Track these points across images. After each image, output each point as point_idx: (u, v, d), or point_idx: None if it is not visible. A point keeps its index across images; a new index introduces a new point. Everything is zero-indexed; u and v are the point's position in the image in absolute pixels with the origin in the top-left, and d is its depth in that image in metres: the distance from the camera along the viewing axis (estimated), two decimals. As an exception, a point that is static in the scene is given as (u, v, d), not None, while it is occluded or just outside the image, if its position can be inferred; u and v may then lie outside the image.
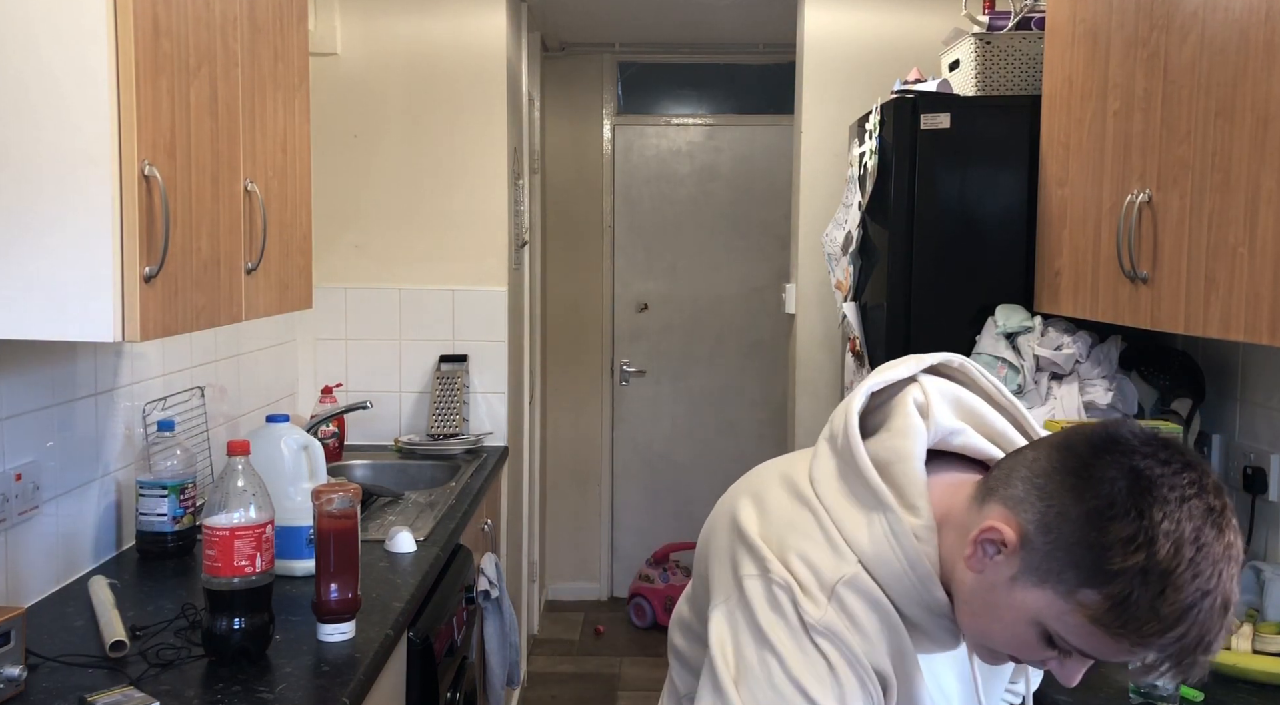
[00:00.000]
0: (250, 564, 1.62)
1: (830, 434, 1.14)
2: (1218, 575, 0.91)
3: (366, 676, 1.64)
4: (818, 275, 3.52)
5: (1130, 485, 0.92)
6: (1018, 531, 0.97)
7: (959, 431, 1.11)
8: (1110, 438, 0.96)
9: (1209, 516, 0.92)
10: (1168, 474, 0.92)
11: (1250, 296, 1.64)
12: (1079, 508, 0.94)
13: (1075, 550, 0.94)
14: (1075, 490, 0.95)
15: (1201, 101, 1.79)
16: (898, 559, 1.03)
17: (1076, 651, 0.97)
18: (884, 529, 1.04)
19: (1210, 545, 0.91)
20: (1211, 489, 0.93)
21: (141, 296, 1.52)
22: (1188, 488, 0.92)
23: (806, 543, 1.06)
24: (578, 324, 5.04)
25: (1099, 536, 0.92)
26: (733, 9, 4.15)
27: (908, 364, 1.15)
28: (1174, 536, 0.90)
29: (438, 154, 3.41)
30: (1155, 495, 0.92)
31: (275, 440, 2.11)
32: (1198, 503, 0.92)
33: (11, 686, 1.48)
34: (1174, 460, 0.94)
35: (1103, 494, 0.93)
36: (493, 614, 2.82)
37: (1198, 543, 0.90)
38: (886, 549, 1.03)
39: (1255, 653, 1.70)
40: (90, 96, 1.47)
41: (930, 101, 2.58)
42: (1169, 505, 0.91)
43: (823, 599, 1.03)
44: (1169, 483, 0.92)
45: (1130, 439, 0.95)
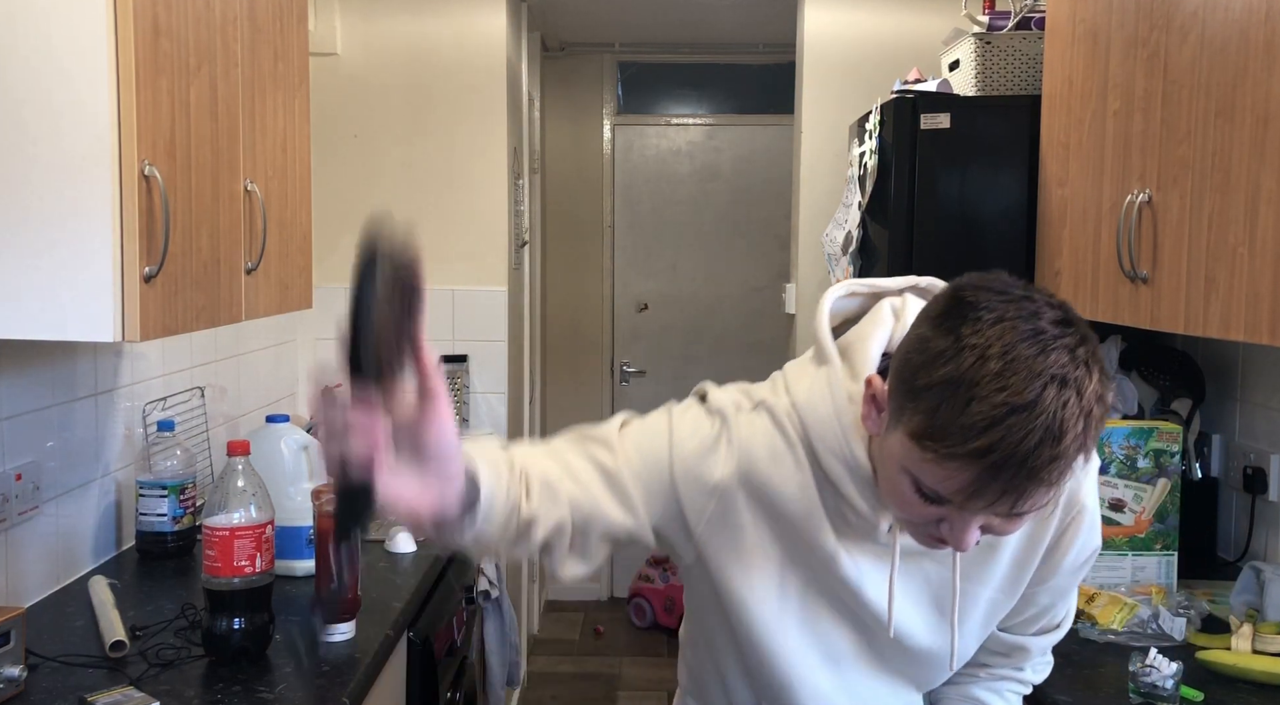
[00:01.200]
0: (250, 564, 1.62)
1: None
2: (1034, 392, 0.88)
3: (366, 676, 1.64)
4: (818, 275, 3.52)
5: (955, 309, 0.94)
6: (882, 382, 1.02)
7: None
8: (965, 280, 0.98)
9: (1033, 338, 0.90)
10: (994, 301, 0.93)
11: (1250, 296, 1.64)
12: (911, 335, 0.98)
13: (901, 377, 0.96)
14: (916, 327, 0.98)
15: (1201, 101, 1.79)
16: (825, 405, 1.09)
17: (938, 496, 0.96)
18: (820, 380, 1.11)
19: (1025, 361, 0.89)
20: (1050, 319, 0.92)
21: (141, 296, 1.52)
22: (1009, 309, 0.92)
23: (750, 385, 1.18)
24: (578, 324, 5.04)
25: (918, 358, 0.94)
26: (733, 9, 4.15)
27: (897, 281, 1.20)
28: (980, 349, 0.90)
29: (438, 154, 3.41)
30: (968, 315, 0.92)
31: (275, 440, 2.11)
32: (1020, 324, 0.90)
33: (11, 686, 1.48)
34: (1017, 293, 0.94)
35: (930, 324, 0.95)
36: (493, 614, 2.82)
37: (1006, 357, 0.89)
38: (818, 396, 1.10)
39: (1255, 653, 1.70)
40: (90, 96, 1.47)
41: (930, 101, 2.58)
42: (980, 323, 0.91)
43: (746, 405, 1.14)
44: (989, 305, 0.92)
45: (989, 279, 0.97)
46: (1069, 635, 1.83)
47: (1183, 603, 1.88)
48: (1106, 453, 1.98)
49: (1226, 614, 1.88)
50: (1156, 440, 1.99)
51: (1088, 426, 0.90)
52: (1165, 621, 1.81)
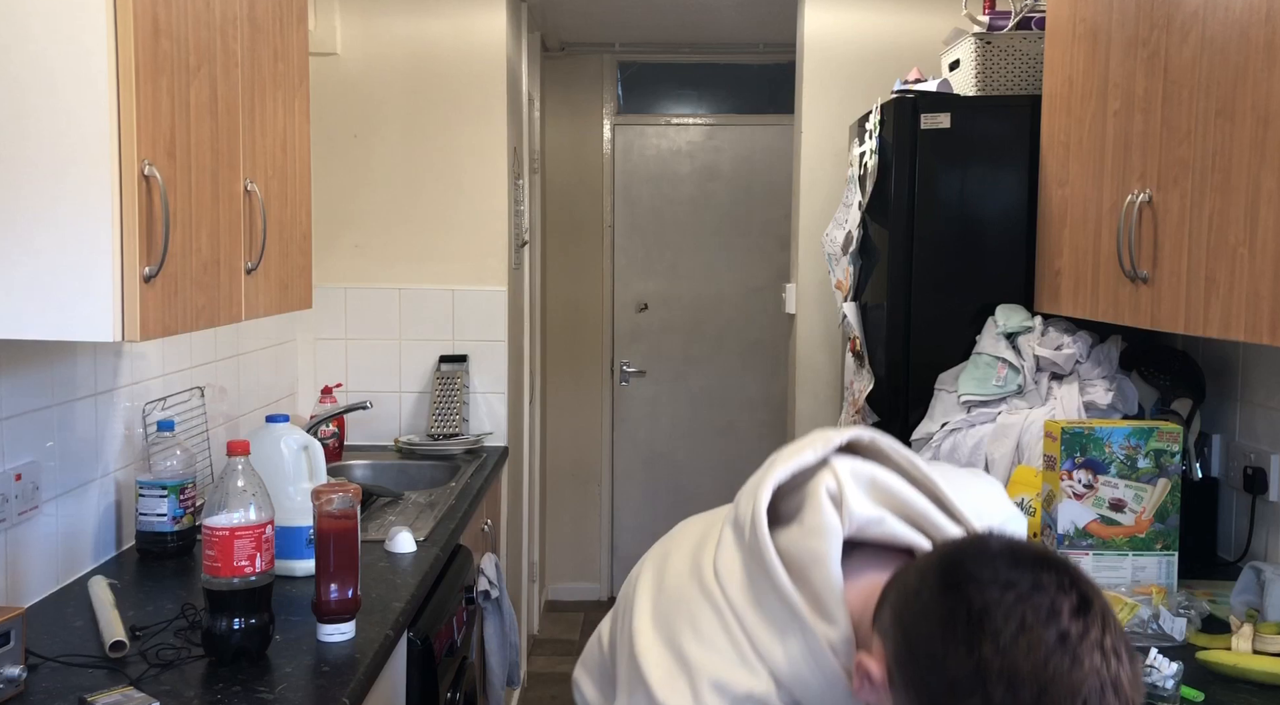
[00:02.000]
0: (250, 564, 1.62)
1: (736, 521, 1.06)
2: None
3: (366, 676, 1.64)
4: (818, 275, 3.52)
5: (965, 616, 0.83)
6: (883, 666, 0.91)
7: (877, 520, 1.03)
8: (957, 560, 0.88)
9: (1061, 648, 0.81)
10: (1007, 599, 0.83)
11: (1250, 296, 1.64)
12: (920, 644, 0.87)
13: (924, 690, 0.86)
14: (916, 625, 0.87)
15: (1201, 101, 1.79)
16: (816, 678, 0.97)
17: None
18: (801, 648, 0.97)
19: (1060, 679, 0.80)
20: (1071, 609, 0.83)
21: (141, 296, 1.52)
22: (1030, 613, 0.82)
23: (712, 654, 0.98)
24: (578, 324, 5.04)
25: (936, 679, 0.84)
26: (733, 9, 4.15)
27: (815, 446, 1.07)
28: (1007, 676, 0.81)
29: (438, 154, 3.41)
30: (986, 627, 0.82)
31: (275, 440, 2.10)
32: (1044, 631, 0.81)
33: (11, 686, 1.48)
34: (1022, 580, 0.84)
35: (935, 631, 0.85)
36: (493, 614, 2.82)
37: (1041, 680, 0.80)
38: (804, 669, 0.97)
39: (1255, 653, 1.70)
40: (90, 96, 1.47)
41: (930, 101, 2.58)
42: (1003, 638, 0.81)
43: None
44: (1007, 610, 0.82)
45: (979, 559, 0.87)
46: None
47: (1183, 603, 1.88)
48: (1107, 452, 1.98)
49: (1227, 614, 1.88)
50: (1157, 440, 1.98)
51: (1133, 699, 0.83)
52: (1165, 621, 1.81)
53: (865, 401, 2.73)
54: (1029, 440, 2.26)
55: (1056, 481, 2.00)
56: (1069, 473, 1.99)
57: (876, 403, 2.69)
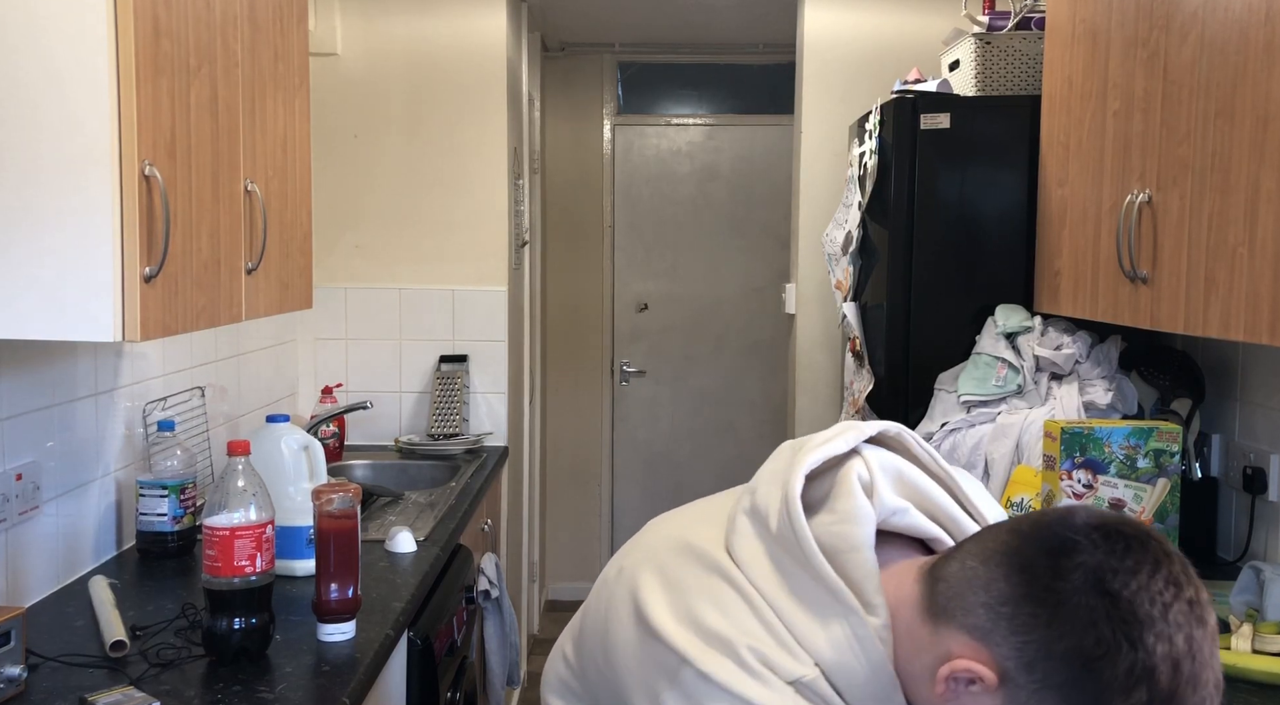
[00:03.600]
0: (250, 564, 1.62)
1: (754, 509, 1.04)
2: (1213, 668, 0.86)
3: (366, 676, 1.64)
4: (818, 275, 3.52)
5: (1109, 611, 0.85)
6: (995, 669, 0.89)
7: (902, 510, 1.03)
8: (1067, 549, 0.88)
9: (1192, 613, 0.86)
10: (1142, 583, 0.86)
11: (1250, 296, 1.64)
12: (1061, 644, 0.86)
13: (1067, 690, 0.86)
14: (1051, 624, 0.87)
15: (1201, 101, 1.79)
16: (862, 666, 0.95)
17: None
18: (846, 634, 0.95)
19: (1202, 645, 0.85)
20: (1180, 573, 0.87)
21: (142, 296, 1.52)
22: (1165, 590, 0.86)
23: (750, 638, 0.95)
24: (578, 324, 5.04)
25: (1093, 677, 0.85)
26: (733, 9, 4.15)
27: (846, 436, 1.06)
28: (1170, 657, 0.84)
29: (438, 154, 3.41)
30: (1139, 615, 0.85)
31: (275, 440, 2.10)
32: (1180, 605, 0.86)
33: (12, 686, 1.48)
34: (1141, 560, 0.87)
35: (1082, 626, 0.86)
36: (493, 614, 2.82)
37: (1191, 651, 0.85)
38: (850, 656, 0.95)
39: (1255, 653, 1.70)
40: (91, 97, 1.47)
41: (930, 101, 2.58)
42: (1157, 625, 0.85)
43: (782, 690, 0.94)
44: (1148, 594, 0.85)
45: (1088, 546, 0.88)
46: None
47: (1183, 603, 1.88)
48: (1107, 452, 1.98)
49: (1226, 614, 1.88)
50: (1156, 440, 1.99)
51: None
52: (1165, 621, 1.81)
53: (865, 401, 2.73)
54: (1029, 440, 2.26)
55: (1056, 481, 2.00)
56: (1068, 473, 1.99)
57: (876, 403, 2.69)
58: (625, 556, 1.13)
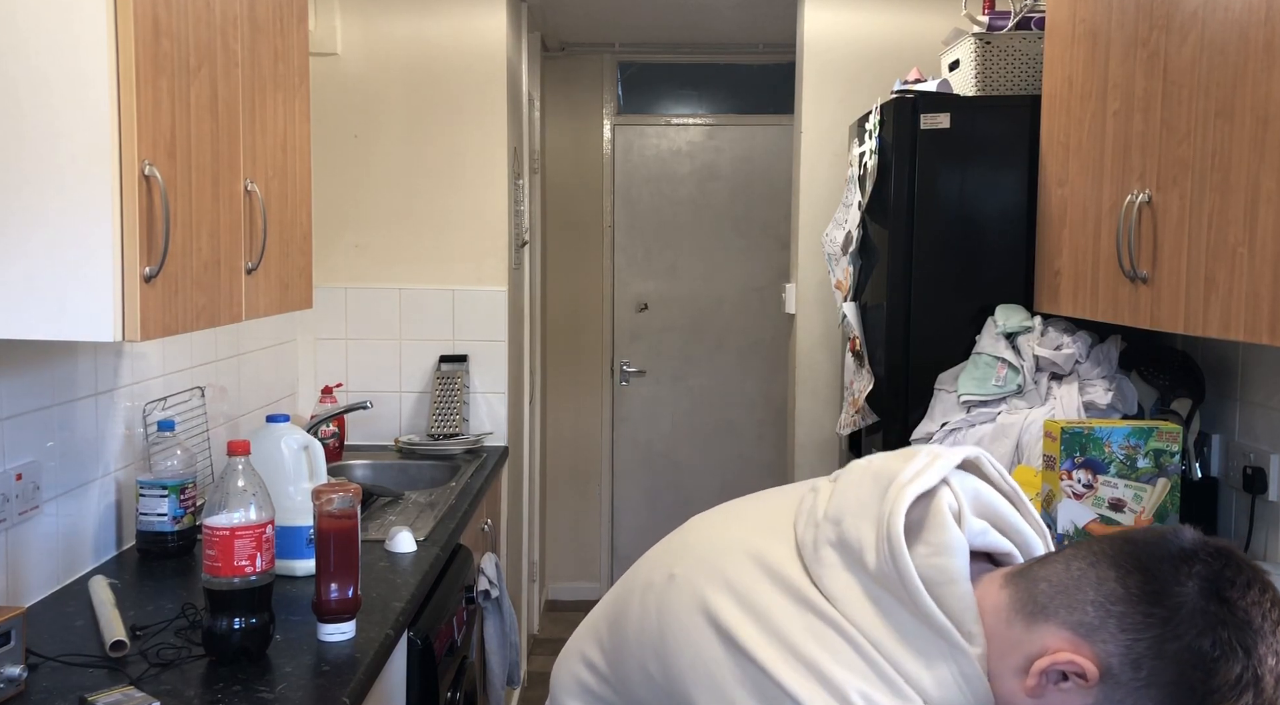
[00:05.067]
0: (250, 564, 1.62)
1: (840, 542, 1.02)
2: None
3: (366, 676, 1.64)
4: (818, 275, 3.52)
5: (1225, 618, 0.90)
6: (1097, 664, 0.92)
7: (982, 533, 1.05)
8: (1181, 555, 0.93)
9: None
10: (1253, 597, 0.91)
11: (1250, 296, 1.64)
12: (1175, 644, 0.90)
13: (1174, 689, 0.90)
14: (1166, 623, 0.91)
15: (1201, 101, 1.79)
16: (967, 701, 0.97)
17: None
18: (954, 673, 0.96)
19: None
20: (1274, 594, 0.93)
21: (142, 296, 1.52)
22: (1271, 608, 0.91)
23: (856, 677, 0.95)
24: (578, 324, 5.04)
25: (1203, 677, 0.89)
26: (733, 9, 4.15)
27: (936, 467, 1.06)
28: (1277, 671, 0.90)
29: (438, 154, 3.41)
30: (1253, 627, 0.90)
31: (275, 440, 2.10)
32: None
33: (12, 686, 1.48)
34: (1246, 578, 0.92)
35: (1199, 629, 0.90)
36: (493, 614, 2.82)
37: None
38: (955, 693, 0.96)
39: (1255, 653, 1.70)
40: (90, 97, 1.47)
41: (930, 101, 2.58)
42: (1268, 639, 0.90)
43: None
44: (1260, 610, 0.91)
45: (1200, 552, 0.93)
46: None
47: (1183, 603, 1.88)
48: (1107, 452, 1.98)
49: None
50: (1156, 440, 1.99)
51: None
52: (1165, 621, 1.81)
53: (865, 401, 2.73)
54: (1029, 440, 2.26)
55: (1056, 481, 2.00)
56: (1068, 472, 1.99)
57: (876, 403, 2.69)
58: (675, 562, 1.10)
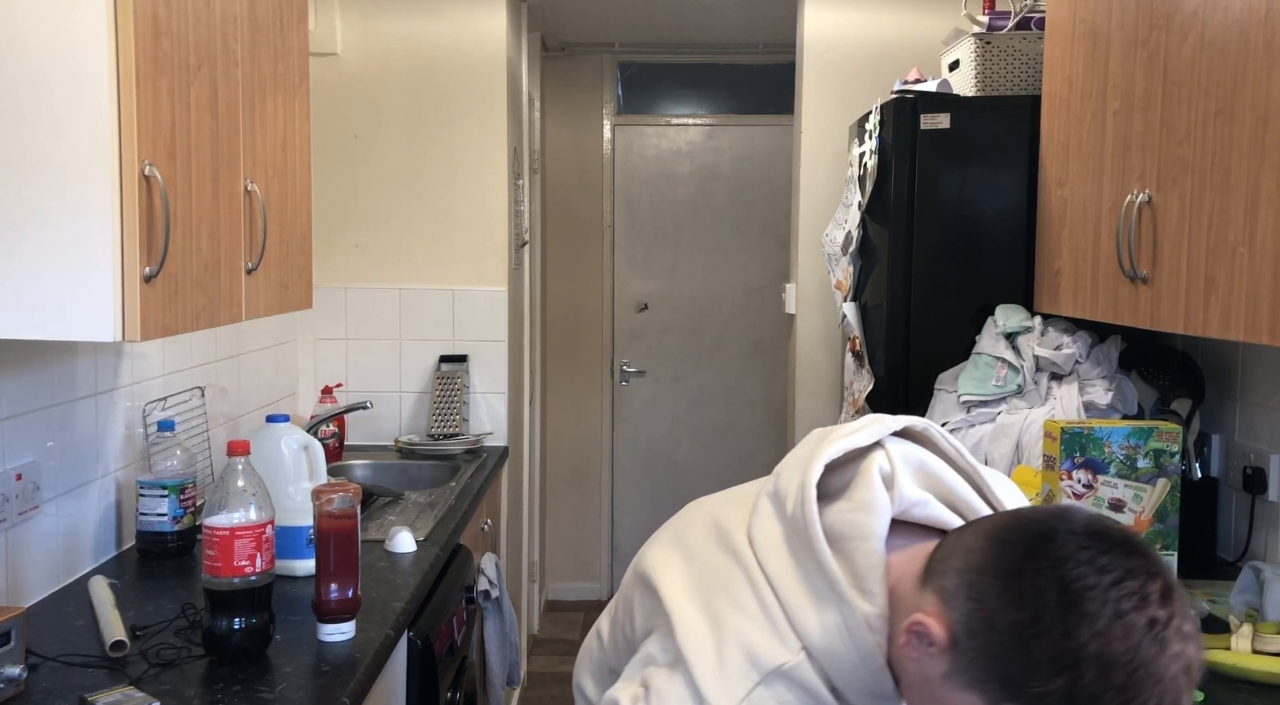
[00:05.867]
0: (250, 564, 1.62)
1: (776, 493, 1.07)
2: (1160, 695, 0.84)
3: (366, 676, 1.64)
4: (818, 275, 3.52)
5: (1058, 598, 0.86)
6: (947, 629, 0.92)
7: (923, 503, 1.05)
8: (1046, 535, 0.90)
9: (1150, 631, 0.84)
10: (1103, 583, 0.85)
11: (1250, 296, 1.64)
12: (1005, 617, 0.88)
13: (998, 662, 0.88)
14: (1003, 596, 0.89)
15: (1201, 101, 1.79)
16: (849, 653, 0.98)
17: None
18: (837, 622, 0.98)
19: (1149, 664, 0.84)
20: (1158, 595, 0.86)
21: (142, 296, 1.52)
22: (1125, 599, 0.85)
23: (743, 620, 1.00)
24: (578, 324, 5.04)
25: (1023, 654, 0.86)
26: (733, 9, 4.15)
27: (871, 429, 1.08)
28: (1102, 659, 0.84)
29: (438, 154, 3.41)
30: (1084, 611, 0.85)
31: (275, 440, 2.11)
32: (1136, 617, 0.84)
33: (11, 686, 1.48)
34: (1114, 565, 0.86)
35: (1028, 606, 0.87)
36: (493, 614, 2.82)
37: (1131, 665, 0.83)
38: (838, 643, 0.98)
39: (1255, 653, 1.70)
40: (90, 97, 1.47)
41: (930, 101, 2.58)
42: (1099, 622, 0.84)
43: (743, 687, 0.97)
44: (1103, 595, 0.85)
45: (1068, 538, 0.89)
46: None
47: (1183, 603, 1.88)
48: (1107, 452, 1.98)
49: (1226, 614, 1.88)
50: (1156, 440, 1.99)
51: (1193, 694, 0.88)
52: (1165, 621, 1.81)
53: (865, 401, 2.73)
54: (1028, 440, 2.26)
55: (1056, 481, 2.00)
56: (1068, 473, 1.99)
57: (876, 403, 2.69)
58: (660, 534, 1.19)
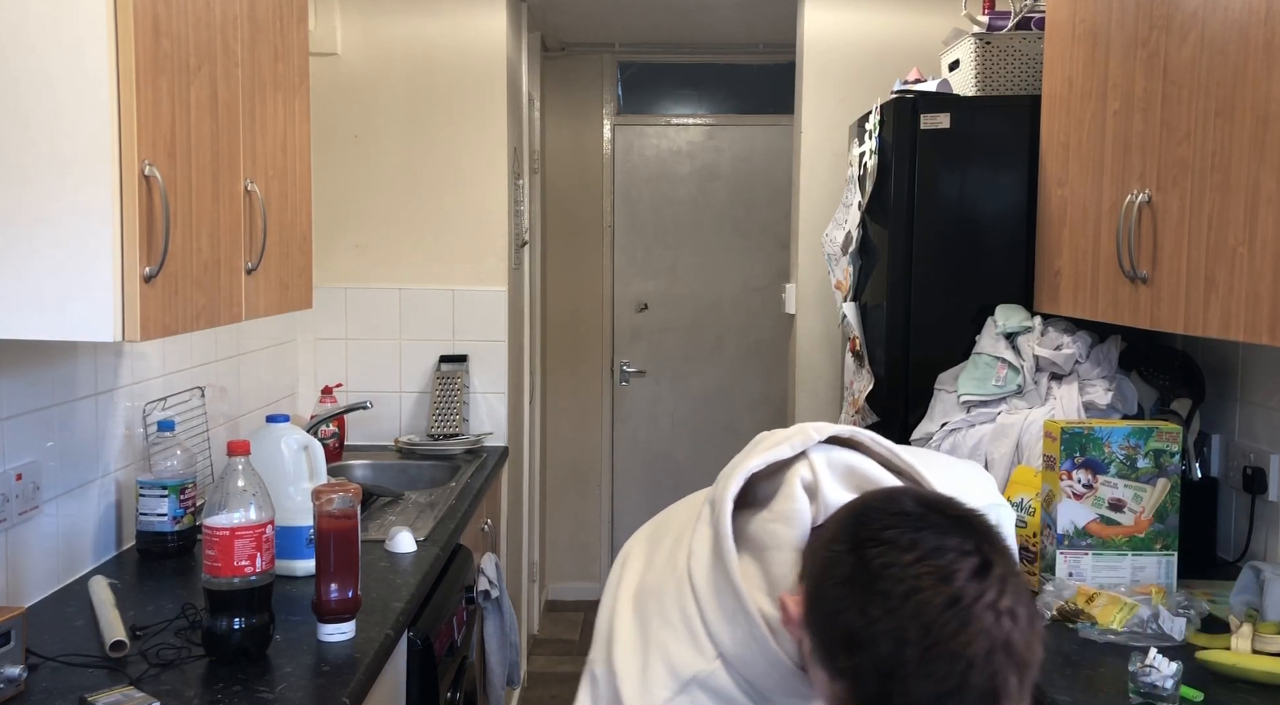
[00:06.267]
0: (250, 564, 1.62)
1: (712, 499, 1.09)
2: (965, 673, 0.83)
3: (366, 676, 1.64)
4: (818, 275, 3.52)
5: (857, 575, 0.87)
6: (801, 607, 0.95)
7: None
8: (859, 514, 0.91)
9: (950, 608, 0.84)
10: (903, 561, 0.86)
11: (1250, 296, 1.64)
12: (822, 594, 0.91)
13: (822, 637, 0.90)
14: (820, 575, 0.91)
15: (1201, 101, 1.79)
16: (759, 659, 1.00)
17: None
18: (745, 633, 1.00)
19: (946, 641, 0.83)
20: (967, 573, 0.85)
21: (142, 296, 1.52)
22: (923, 577, 0.85)
23: (667, 631, 1.04)
24: (578, 324, 5.04)
25: (834, 629, 0.88)
26: (733, 9, 4.15)
27: (794, 440, 1.08)
28: (895, 633, 0.84)
29: (438, 154, 3.41)
30: (878, 588, 0.85)
31: (275, 440, 2.11)
32: (932, 594, 0.84)
33: (11, 686, 1.48)
34: (921, 543, 0.86)
35: (836, 583, 0.89)
36: (493, 614, 2.82)
37: (926, 642, 0.83)
38: (748, 651, 1.00)
39: (1255, 653, 1.70)
40: (90, 97, 1.47)
41: (930, 101, 2.58)
42: (892, 600, 0.85)
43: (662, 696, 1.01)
44: (900, 572, 0.85)
45: (878, 518, 0.90)
46: (1069, 635, 1.83)
47: (1183, 603, 1.88)
48: (1107, 452, 1.98)
49: (1226, 614, 1.88)
50: (1156, 440, 1.99)
51: (1025, 674, 0.86)
52: (1165, 621, 1.81)
53: (865, 401, 2.73)
54: (1029, 440, 2.26)
55: (1056, 481, 2.00)
56: (1068, 473, 1.99)
57: (876, 403, 2.69)
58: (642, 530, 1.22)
